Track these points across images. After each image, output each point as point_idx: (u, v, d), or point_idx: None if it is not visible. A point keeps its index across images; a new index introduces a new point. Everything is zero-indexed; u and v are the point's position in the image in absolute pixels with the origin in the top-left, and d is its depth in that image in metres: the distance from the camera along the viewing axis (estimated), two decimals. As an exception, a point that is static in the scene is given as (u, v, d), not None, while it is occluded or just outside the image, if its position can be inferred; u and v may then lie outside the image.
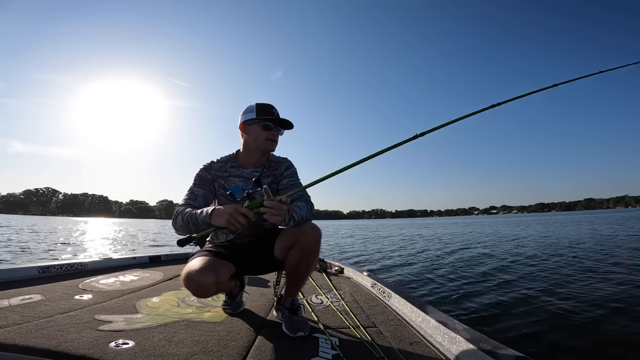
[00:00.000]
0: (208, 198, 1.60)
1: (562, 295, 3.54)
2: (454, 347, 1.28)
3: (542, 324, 2.67)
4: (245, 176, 1.63)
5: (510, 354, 1.11)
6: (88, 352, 1.14)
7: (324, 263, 3.18)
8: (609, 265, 5.21)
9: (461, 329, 1.36)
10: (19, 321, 1.45)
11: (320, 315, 1.77)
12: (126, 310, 1.72)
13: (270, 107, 1.61)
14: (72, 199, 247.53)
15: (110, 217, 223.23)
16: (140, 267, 3.23)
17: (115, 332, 1.38)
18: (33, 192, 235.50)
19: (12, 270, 2.43)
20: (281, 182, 1.66)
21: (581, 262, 5.68)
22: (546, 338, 2.39)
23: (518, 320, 2.79)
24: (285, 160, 1.72)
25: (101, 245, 11.11)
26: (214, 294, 1.41)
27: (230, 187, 1.61)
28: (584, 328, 2.55)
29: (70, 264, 2.82)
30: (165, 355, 1.17)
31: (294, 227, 1.50)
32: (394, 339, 1.46)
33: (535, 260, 6.20)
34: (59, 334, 1.31)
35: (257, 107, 1.60)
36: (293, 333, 1.43)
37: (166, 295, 2.13)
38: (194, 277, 1.30)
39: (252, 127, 1.60)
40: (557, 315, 2.86)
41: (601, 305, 3.09)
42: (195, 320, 1.61)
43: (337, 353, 1.27)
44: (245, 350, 1.27)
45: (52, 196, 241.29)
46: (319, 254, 1.57)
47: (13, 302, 1.76)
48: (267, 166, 1.68)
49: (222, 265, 1.38)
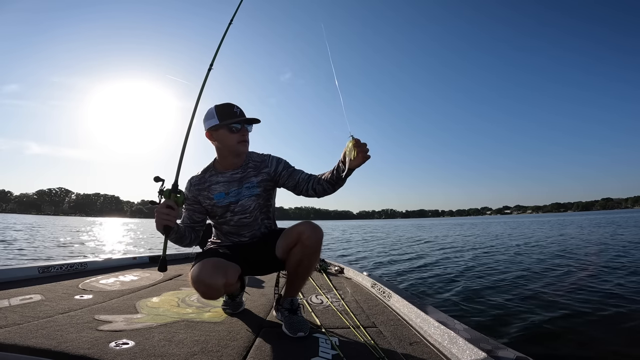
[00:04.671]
0: (193, 216, 1.63)
1: (563, 295, 3.54)
2: (454, 347, 1.28)
3: (542, 324, 2.67)
4: (226, 180, 1.61)
5: (510, 353, 1.11)
6: (88, 352, 1.14)
7: (324, 263, 3.19)
8: (617, 269, 5.12)
9: (461, 329, 1.36)
10: (19, 321, 1.45)
11: (320, 315, 1.77)
12: (126, 310, 1.72)
13: (232, 107, 1.53)
14: (84, 199, 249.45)
15: (122, 217, 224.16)
16: (140, 267, 3.23)
17: (115, 332, 1.38)
18: (46, 192, 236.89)
19: (12, 270, 2.43)
20: (281, 177, 1.63)
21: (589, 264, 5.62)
22: (546, 338, 2.39)
23: (518, 320, 2.79)
24: (270, 157, 1.67)
25: (133, 247, 10.90)
26: (222, 295, 1.41)
27: (214, 195, 1.60)
28: (585, 328, 2.55)
29: (70, 264, 2.81)
30: (165, 355, 1.17)
31: (296, 227, 1.50)
32: (394, 339, 1.46)
33: (538, 262, 6.19)
34: (59, 334, 1.31)
35: (217, 110, 1.52)
36: (293, 333, 1.43)
37: (166, 295, 2.13)
38: (204, 279, 1.31)
39: (218, 133, 1.53)
40: (557, 315, 2.86)
41: (602, 305, 3.09)
42: (195, 320, 1.61)
43: (337, 353, 1.27)
44: (245, 350, 1.27)
45: (65, 196, 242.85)
46: (320, 254, 1.57)
47: (13, 302, 1.76)
48: (250, 166, 1.64)
49: (230, 267, 1.39)
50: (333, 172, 1.43)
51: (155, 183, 1.39)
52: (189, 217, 1.63)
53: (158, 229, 1.37)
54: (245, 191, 1.60)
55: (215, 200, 1.59)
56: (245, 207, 1.60)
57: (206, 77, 1.67)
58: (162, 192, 1.38)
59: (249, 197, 1.60)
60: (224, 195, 1.59)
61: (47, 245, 9.89)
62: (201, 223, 1.67)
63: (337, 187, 1.49)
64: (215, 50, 1.74)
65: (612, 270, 4.85)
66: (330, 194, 1.53)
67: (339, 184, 1.47)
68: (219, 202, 1.59)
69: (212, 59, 1.71)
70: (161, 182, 1.39)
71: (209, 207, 1.62)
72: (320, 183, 1.50)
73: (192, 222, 1.63)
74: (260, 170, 1.63)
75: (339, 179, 1.42)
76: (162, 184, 1.39)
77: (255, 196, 1.61)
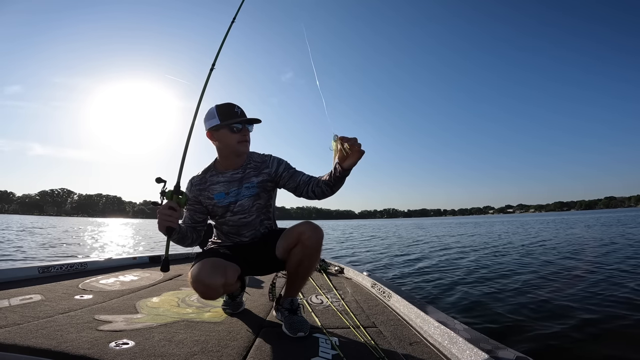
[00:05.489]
0: (194, 216, 1.63)
1: (563, 295, 3.54)
2: (454, 347, 1.28)
3: (542, 324, 2.67)
4: (226, 180, 1.61)
5: (510, 353, 1.11)
6: (88, 352, 1.14)
7: (324, 263, 3.19)
8: (621, 269, 5.04)
9: (461, 329, 1.36)
10: (19, 321, 1.45)
11: (320, 315, 1.77)
12: (126, 310, 1.72)
13: (232, 107, 1.53)
14: (86, 200, 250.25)
15: (124, 217, 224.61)
16: (140, 267, 3.23)
17: (115, 332, 1.38)
18: (48, 192, 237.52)
19: (12, 270, 2.43)
20: (282, 178, 1.63)
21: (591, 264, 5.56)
22: (546, 338, 2.39)
23: (518, 320, 2.79)
24: (271, 157, 1.66)
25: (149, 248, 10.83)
26: (221, 296, 1.41)
27: (214, 195, 1.60)
28: (585, 328, 2.54)
29: (70, 264, 2.82)
30: (165, 355, 1.17)
31: (296, 227, 1.51)
32: (394, 339, 1.46)
33: (540, 261, 6.18)
34: (59, 334, 1.31)
35: (218, 110, 1.52)
36: (293, 333, 1.43)
37: (166, 295, 2.13)
38: (202, 279, 1.31)
39: (219, 133, 1.53)
40: (558, 315, 2.85)
41: (602, 306, 3.09)
42: (195, 320, 1.61)
43: (337, 353, 1.27)
44: (245, 351, 1.27)
45: (67, 197, 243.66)
46: (320, 254, 1.57)
47: (13, 302, 1.76)
48: (250, 166, 1.63)
49: (229, 267, 1.39)
50: (331, 175, 1.43)
51: (157, 184, 1.39)
52: (190, 217, 1.63)
53: (160, 230, 1.37)
54: (245, 191, 1.60)
55: (215, 200, 1.60)
56: (245, 207, 1.60)
57: (208, 77, 1.67)
58: (164, 194, 1.38)
59: (249, 197, 1.60)
60: (224, 195, 1.60)
61: (47, 245, 9.90)
62: (202, 223, 1.67)
63: (335, 189, 1.49)
64: (218, 50, 1.74)
65: (624, 273, 4.62)
66: (330, 195, 1.53)
67: (337, 186, 1.47)
68: (219, 202, 1.59)
69: (214, 59, 1.71)
70: (163, 183, 1.39)
71: (210, 207, 1.62)
72: (319, 185, 1.51)
73: (193, 222, 1.63)
74: (261, 170, 1.63)
75: (337, 180, 1.42)
76: (164, 185, 1.39)
77: (255, 196, 1.61)
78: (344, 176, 1.40)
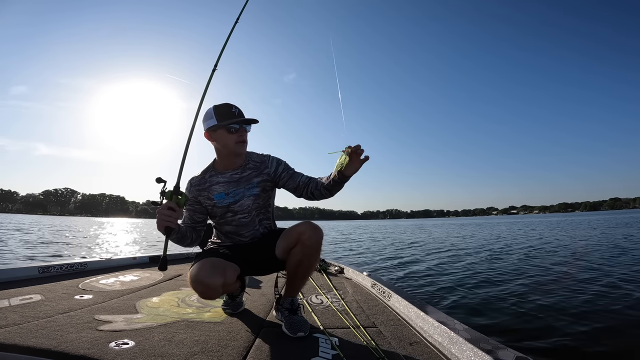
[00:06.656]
0: (194, 216, 1.64)
1: (564, 295, 3.53)
2: (454, 347, 1.28)
3: (542, 324, 2.67)
4: (226, 180, 1.61)
5: (510, 354, 1.11)
6: (88, 352, 1.14)
7: (324, 263, 3.18)
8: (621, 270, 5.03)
9: (461, 329, 1.36)
10: (19, 321, 1.45)
11: (320, 315, 1.77)
12: (126, 310, 1.72)
13: (230, 107, 1.53)
14: (90, 199, 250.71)
15: (128, 217, 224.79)
16: (140, 267, 3.23)
17: (115, 332, 1.38)
18: (52, 192, 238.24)
19: (12, 270, 2.43)
20: (281, 179, 1.64)
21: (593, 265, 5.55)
22: (546, 338, 2.39)
23: (518, 320, 2.79)
24: (270, 158, 1.67)
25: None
26: (220, 296, 1.42)
27: (214, 195, 1.60)
28: (585, 328, 2.54)
29: (70, 264, 2.82)
30: (165, 355, 1.17)
31: (296, 227, 1.51)
32: (394, 339, 1.46)
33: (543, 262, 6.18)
34: (59, 334, 1.31)
35: (216, 110, 1.52)
36: (293, 333, 1.43)
37: (166, 295, 2.13)
38: (202, 279, 1.31)
39: (217, 133, 1.54)
40: (558, 316, 2.85)
41: (602, 306, 3.09)
42: (195, 320, 1.61)
43: (337, 353, 1.27)
44: (245, 351, 1.27)
45: (71, 196, 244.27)
46: (320, 254, 1.57)
47: (13, 302, 1.76)
48: (249, 166, 1.64)
49: (229, 267, 1.39)
50: (330, 180, 1.46)
51: (157, 184, 1.39)
52: (189, 217, 1.63)
53: (159, 229, 1.38)
54: (245, 191, 1.60)
55: (215, 200, 1.60)
56: (245, 207, 1.60)
57: (210, 77, 1.67)
58: (164, 194, 1.39)
59: (248, 197, 1.60)
60: (224, 195, 1.60)
61: (47, 245, 9.90)
62: (202, 223, 1.67)
63: (334, 193, 1.53)
64: (220, 50, 1.73)
65: (626, 275, 4.54)
66: (328, 198, 1.56)
67: (336, 190, 1.51)
68: (219, 203, 1.60)
69: (216, 60, 1.71)
70: (163, 183, 1.40)
71: (210, 208, 1.62)
72: (318, 188, 1.53)
73: (193, 222, 1.63)
74: (261, 171, 1.64)
75: (336, 184, 1.46)
76: (164, 185, 1.40)
77: (255, 196, 1.61)
78: (344, 182, 1.44)
